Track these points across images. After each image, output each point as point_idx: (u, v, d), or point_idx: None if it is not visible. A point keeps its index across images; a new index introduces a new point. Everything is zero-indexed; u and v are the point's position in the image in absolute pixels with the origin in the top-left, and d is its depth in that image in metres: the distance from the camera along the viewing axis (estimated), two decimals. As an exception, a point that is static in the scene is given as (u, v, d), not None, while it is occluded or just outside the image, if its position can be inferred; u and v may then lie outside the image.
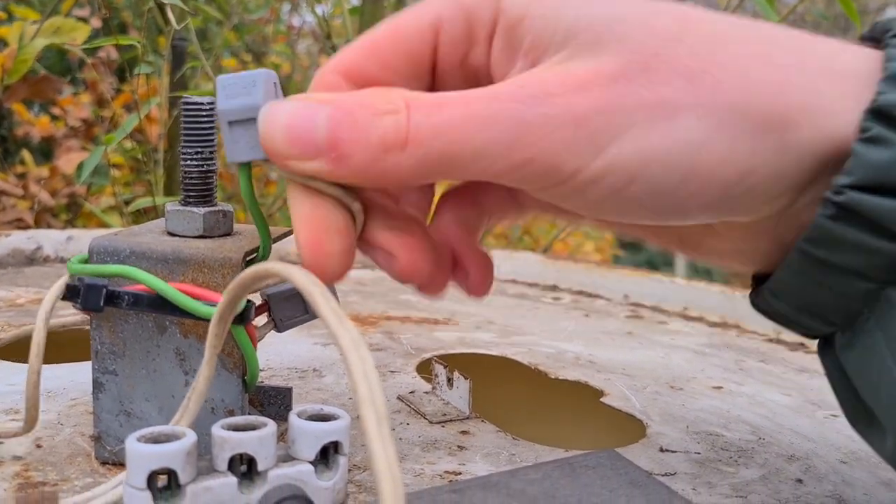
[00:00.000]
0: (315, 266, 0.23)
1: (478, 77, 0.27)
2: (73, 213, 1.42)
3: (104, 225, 1.06)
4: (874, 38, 0.25)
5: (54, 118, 1.63)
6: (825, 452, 0.35)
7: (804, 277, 0.24)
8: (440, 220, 0.28)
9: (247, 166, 0.25)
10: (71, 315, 0.36)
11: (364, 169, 0.23)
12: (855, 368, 0.25)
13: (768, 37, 0.24)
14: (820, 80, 0.23)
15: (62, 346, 0.48)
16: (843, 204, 0.22)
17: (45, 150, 1.66)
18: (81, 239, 0.68)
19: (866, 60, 0.23)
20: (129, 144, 1.00)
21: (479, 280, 0.28)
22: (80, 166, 0.82)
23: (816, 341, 0.27)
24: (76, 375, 0.38)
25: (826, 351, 0.26)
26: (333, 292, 0.30)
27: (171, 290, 0.26)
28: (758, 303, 0.27)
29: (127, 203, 1.01)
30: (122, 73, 0.98)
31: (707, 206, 0.24)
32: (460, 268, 0.28)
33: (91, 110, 1.45)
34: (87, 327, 0.48)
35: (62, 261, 0.67)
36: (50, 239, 0.68)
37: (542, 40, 0.24)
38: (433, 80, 0.27)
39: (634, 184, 0.23)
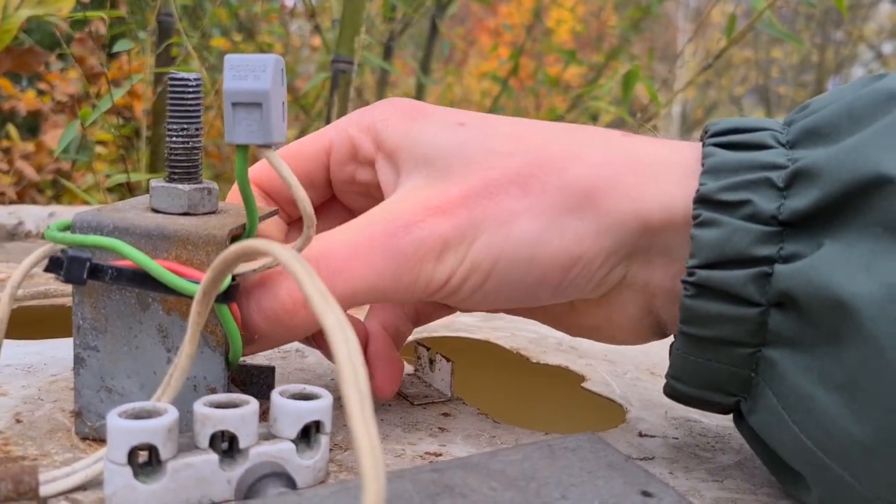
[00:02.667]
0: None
1: (369, 190, 0.33)
2: (58, 189, 1.41)
3: (87, 203, 1.06)
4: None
5: (41, 93, 1.61)
6: (801, 439, 0.36)
7: (693, 357, 0.27)
8: (370, 324, 0.34)
9: (244, 149, 0.25)
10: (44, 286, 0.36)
11: (282, 334, 0.28)
12: (762, 429, 0.27)
13: (587, 140, 0.29)
14: (624, 170, 0.28)
15: (42, 323, 0.48)
16: (697, 283, 0.26)
17: (31, 125, 1.64)
18: (64, 215, 0.67)
19: (693, 155, 0.28)
20: (114, 121, 0.99)
21: (386, 384, 0.33)
22: (59, 141, 0.81)
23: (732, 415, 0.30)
24: (56, 351, 0.38)
25: (739, 421, 0.29)
26: None
27: (155, 265, 0.25)
28: (668, 392, 0.30)
29: (108, 177, 1.00)
30: (111, 48, 0.97)
31: (553, 289, 0.28)
32: (371, 369, 0.33)
33: (81, 85, 1.43)
34: (68, 303, 0.48)
35: (44, 237, 0.66)
36: (32, 214, 0.68)
37: (409, 167, 0.30)
38: (331, 192, 0.34)
39: (490, 279, 0.28)
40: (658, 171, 0.28)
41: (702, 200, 0.26)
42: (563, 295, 0.29)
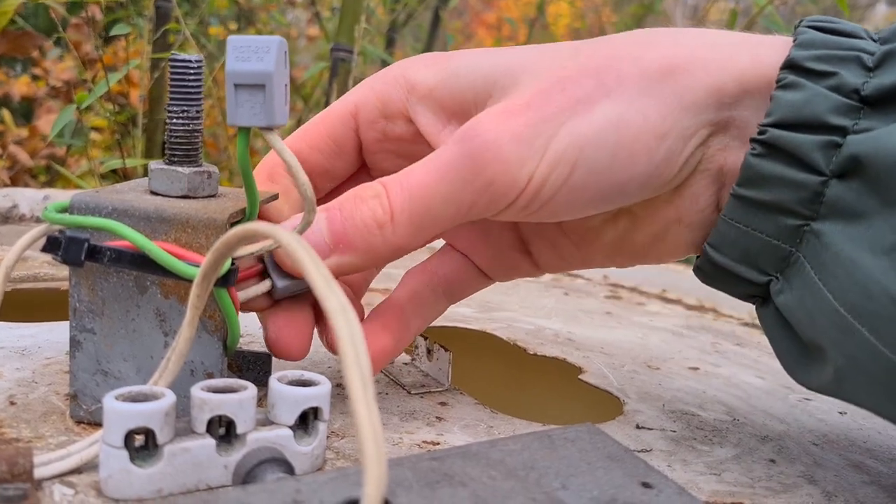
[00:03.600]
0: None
1: (403, 147, 0.32)
2: (51, 174, 1.40)
3: (81, 188, 1.05)
4: None
5: (35, 78, 1.60)
6: (797, 434, 0.35)
7: (740, 223, 0.28)
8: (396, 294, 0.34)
9: (246, 131, 0.25)
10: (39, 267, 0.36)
11: (367, 248, 0.27)
12: (792, 306, 0.28)
13: (657, 32, 0.29)
14: (700, 50, 0.28)
15: (36, 306, 0.47)
16: (767, 141, 0.27)
17: (25, 111, 1.63)
18: (59, 198, 0.67)
19: (775, 40, 0.29)
20: (110, 107, 0.99)
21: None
22: (53, 125, 0.80)
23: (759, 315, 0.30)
24: (51, 335, 0.37)
25: (763, 308, 0.30)
26: None
27: (155, 247, 0.25)
28: (700, 265, 0.30)
29: (103, 163, 0.99)
30: (108, 34, 0.96)
31: (639, 177, 0.28)
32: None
33: (77, 71, 1.42)
34: (62, 287, 0.48)
35: (38, 220, 0.66)
36: (26, 197, 0.67)
37: (465, 96, 0.29)
38: (360, 159, 0.33)
39: (576, 169, 0.27)
40: (734, 50, 0.28)
41: (789, 66, 0.27)
42: (648, 187, 0.28)
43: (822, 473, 0.31)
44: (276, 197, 0.31)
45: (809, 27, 0.28)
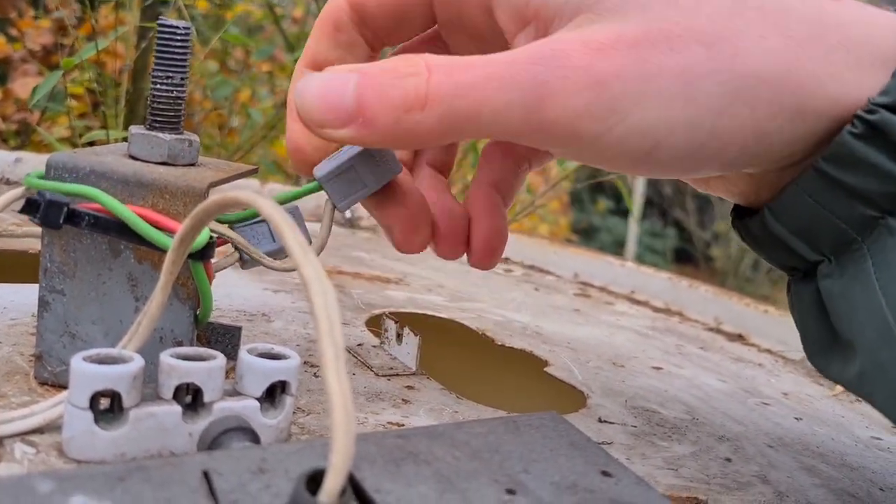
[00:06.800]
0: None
1: (479, 40, 0.28)
2: (23, 139, 1.38)
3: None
4: None
5: (11, 39, 1.57)
6: (754, 436, 0.36)
7: (812, 197, 0.25)
8: (477, 181, 0.31)
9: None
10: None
11: (388, 130, 0.23)
12: (836, 294, 0.26)
13: (785, 6, 0.24)
14: (832, 53, 0.24)
15: (5, 267, 0.47)
16: (874, 123, 0.23)
17: (0, 73, 1.60)
18: (30, 162, 0.66)
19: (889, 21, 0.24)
20: (88, 75, 0.97)
21: (484, 246, 0.30)
22: (35, 90, 0.79)
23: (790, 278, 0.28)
24: (17, 296, 0.37)
25: (801, 284, 0.27)
26: (305, 231, 0.30)
27: (134, 216, 0.25)
28: (751, 228, 0.27)
29: (82, 135, 0.98)
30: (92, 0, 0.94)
31: (723, 163, 0.25)
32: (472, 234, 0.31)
33: (55, 37, 1.39)
34: (32, 249, 0.47)
35: (8, 182, 0.65)
36: (-3, 160, 0.66)
37: (553, 8, 0.24)
38: (434, 24, 0.29)
39: (658, 149, 0.24)
40: (852, 58, 0.24)
41: None
42: (731, 169, 0.25)
43: (776, 474, 0.32)
44: (254, 171, 0.31)
45: None
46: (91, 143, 0.97)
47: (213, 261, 0.28)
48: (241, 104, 1.66)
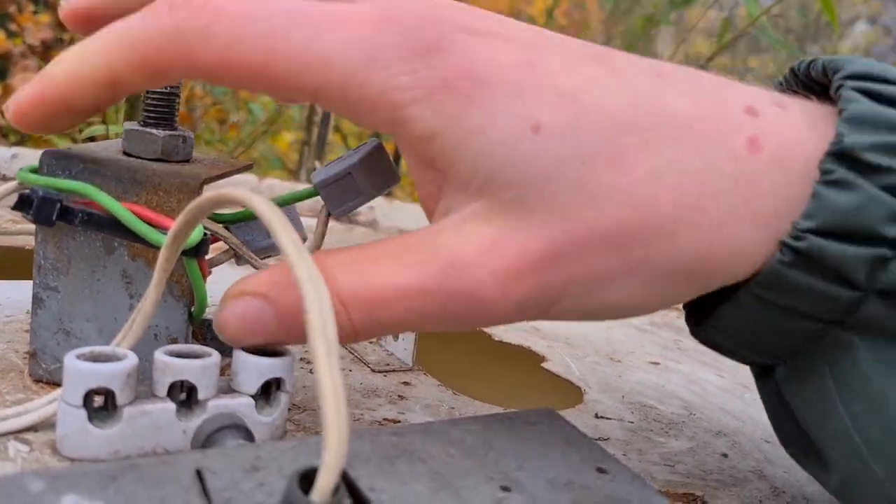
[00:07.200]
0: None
1: None
2: (22, 134, 1.37)
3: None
4: (805, 82, 0.25)
5: (11, 34, 1.57)
6: (751, 431, 0.36)
7: (751, 317, 0.24)
8: None
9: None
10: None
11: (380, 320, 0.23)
12: (799, 401, 0.25)
13: (703, 170, 0.22)
14: (744, 227, 0.22)
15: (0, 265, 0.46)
16: (802, 250, 0.21)
17: (0, 68, 1.60)
18: (27, 157, 0.66)
19: (809, 118, 0.23)
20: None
21: None
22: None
23: (751, 367, 0.27)
24: (12, 293, 0.37)
25: (763, 378, 0.26)
26: (300, 228, 0.30)
27: (127, 213, 0.25)
28: (698, 333, 0.26)
29: (82, 130, 0.97)
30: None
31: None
32: None
33: (54, 32, 1.39)
34: (26, 245, 0.47)
35: (4, 178, 0.65)
36: (-6, 155, 0.66)
37: (457, 176, 0.23)
38: None
39: (572, 319, 0.24)
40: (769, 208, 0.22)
41: (841, 155, 0.21)
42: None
43: (772, 469, 0.32)
44: (249, 167, 0.31)
45: (856, 89, 0.22)
46: (91, 139, 0.97)
47: (207, 257, 0.28)
48: (242, 99, 1.66)
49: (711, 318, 0.25)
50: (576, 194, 0.22)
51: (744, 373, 0.47)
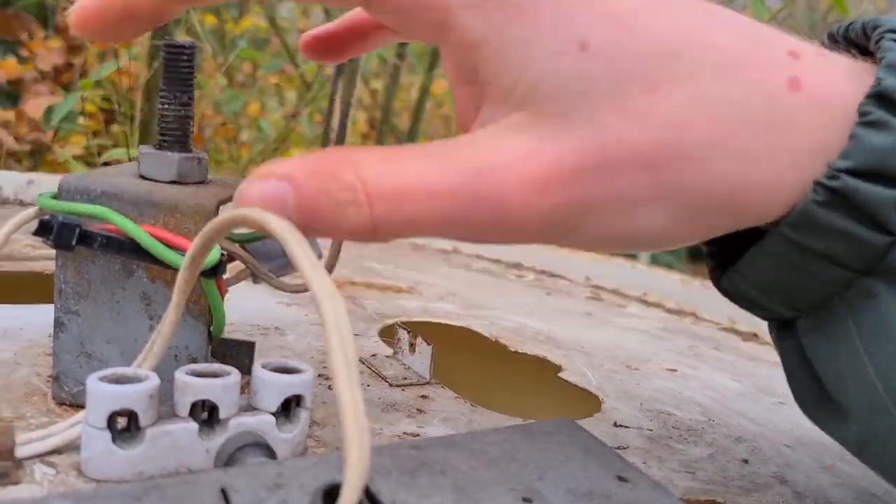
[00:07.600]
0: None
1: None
2: (36, 159, 1.39)
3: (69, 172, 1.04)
4: (850, 40, 0.26)
5: (23, 60, 1.59)
6: (771, 436, 0.36)
7: (779, 261, 0.24)
8: None
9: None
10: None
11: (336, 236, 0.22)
12: (820, 354, 0.25)
13: (740, 108, 0.22)
14: (785, 154, 0.22)
15: (21, 289, 0.47)
16: (837, 189, 0.22)
17: (12, 94, 1.62)
18: (43, 183, 0.67)
19: (847, 70, 0.23)
20: (101, 93, 0.98)
21: None
22: (48, 110, 0.80)
23: (770, 324, 0.27)
24: (34, 317, 0.37)
25: (784, 333, 0.26)
26: (316, 248, 0.30)
27: (146, 235, 0.25)
28: (721, 282, 0.26)
29: (99, 154, 0.99)
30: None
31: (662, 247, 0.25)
32: None
33: (66, 58, 1.41)
34: (46, 270, 0.48)
35: (21, 203, 0.65)
36: (10, 180, 0.67)
37: (499, 86, 0.23)
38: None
39: (595, 247, 0.24)
40: (805, 147, 0.22)
41: (879, 97, 0.22)
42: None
43: (794, 474, 0.32)
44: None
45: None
46: (106, 164, 0.98)
47: (224, 276, 0.28)
48: (251, 118, 1.67)
49: (737, 264, 0.25)
50: (615, 113, 0.22)
51: (761, 377, 0.47)
